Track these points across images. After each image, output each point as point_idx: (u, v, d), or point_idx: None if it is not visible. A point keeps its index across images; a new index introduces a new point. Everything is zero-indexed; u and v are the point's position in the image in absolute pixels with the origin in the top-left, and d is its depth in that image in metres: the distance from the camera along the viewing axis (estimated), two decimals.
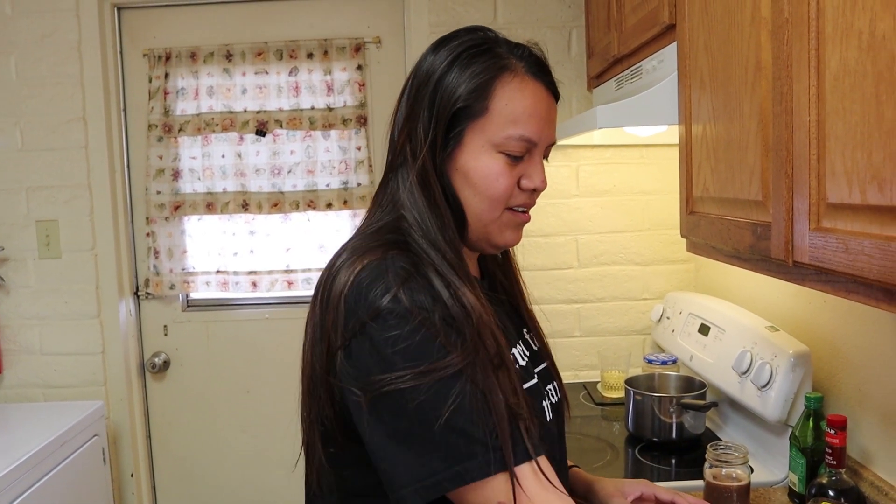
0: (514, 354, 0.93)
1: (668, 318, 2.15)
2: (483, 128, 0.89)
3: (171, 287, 2.44)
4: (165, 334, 2.51)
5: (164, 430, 2.54)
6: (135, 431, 2.47)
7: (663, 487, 1.11)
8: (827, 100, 0.83)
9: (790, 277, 0.97)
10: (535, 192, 0.94)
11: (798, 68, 0.89)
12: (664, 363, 1.95)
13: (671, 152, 2.26)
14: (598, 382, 2.23)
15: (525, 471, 0.79)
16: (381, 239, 0.88)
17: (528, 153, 0.91)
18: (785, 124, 0.93)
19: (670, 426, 1.73)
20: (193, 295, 2.53)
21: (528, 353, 0.99)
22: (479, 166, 0.90)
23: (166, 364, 2.51)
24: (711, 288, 2.19)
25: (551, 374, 1.05)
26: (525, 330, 1.05)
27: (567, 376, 2.28)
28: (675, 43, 1.38)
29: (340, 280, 0.83)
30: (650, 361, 1.97)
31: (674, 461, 1.71)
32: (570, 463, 1.16)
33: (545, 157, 0.95)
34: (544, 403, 0.95)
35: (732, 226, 1.13)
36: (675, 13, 1.37)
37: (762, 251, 1.01)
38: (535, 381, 0.96)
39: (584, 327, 2.37)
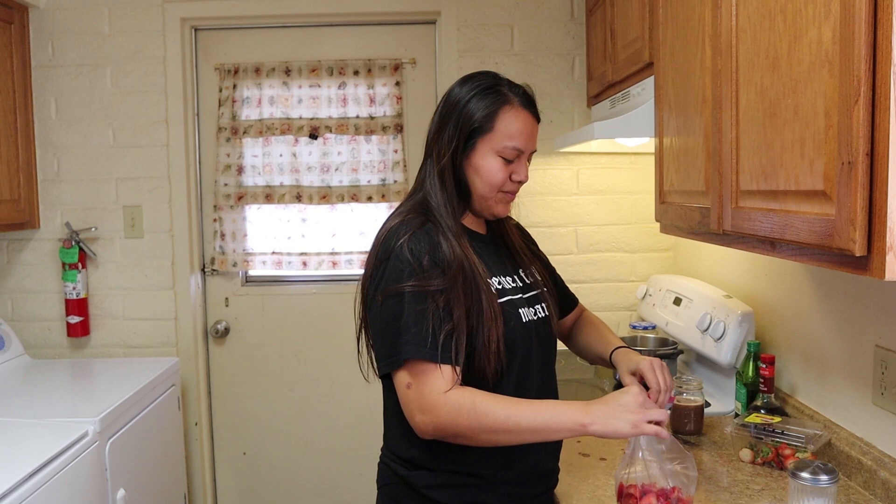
0: (493, 281, 1.37)
1: (650, 295, 2.61)
2: (490, 140, 1.36)
3: (234, 265, 2.90)
4: (227, 305, 2.97)
5: (222, 387, 2.99)
6: (199, 387, 2.92)
7: (664, 377, 1.36)
8: (741, 124, 1.30)
9: (722, 242, 1.43)
10: (520, 184, 1.40)
11: (725, 103, 1.36)
12: (645, 328, 2.41)
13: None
14: None
15: (437, 368, 1.22)
16: (408, 207, 1.40)
17: (517, 158, 1.39)
18: (718, 139, 1.40)
19: None
20: (251, 272, 2.98)
21: (513, 283, 1.42)
22: (485, 164, 1.37)
23: (227, 330, 2.97)
24: (685, 270, 2.66)
25: (540, 298, 1.47)
26: (521, 269, 1.49)
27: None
28: (653, 76, 1.85)
29: (380, 232, 1.38)
30: (634, 327, 2.44)
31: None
32: (616, 345, 1.54)
33: (529, 160, 1.41)
34: (521, 310, 1.39)
35: (687, 209, 1.59)
36: (652, 54, 1.84)
37: (705, 225, 1.48)
38: (516, 297, 1.40)
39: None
